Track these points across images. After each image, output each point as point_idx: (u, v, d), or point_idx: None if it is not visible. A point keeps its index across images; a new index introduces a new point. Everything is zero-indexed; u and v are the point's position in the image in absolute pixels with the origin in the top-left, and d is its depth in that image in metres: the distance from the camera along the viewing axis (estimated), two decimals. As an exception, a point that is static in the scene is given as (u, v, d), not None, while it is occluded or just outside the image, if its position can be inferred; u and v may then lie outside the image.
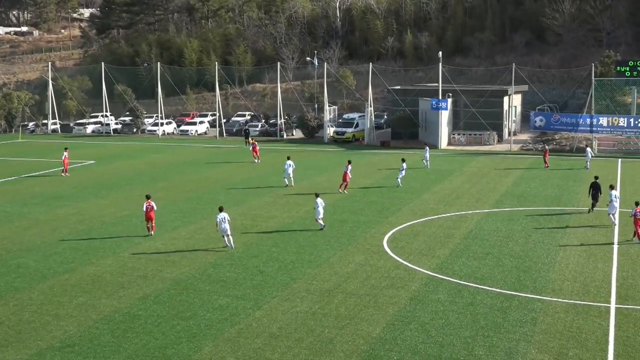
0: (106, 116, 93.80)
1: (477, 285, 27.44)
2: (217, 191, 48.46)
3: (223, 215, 33.16)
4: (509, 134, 75.60)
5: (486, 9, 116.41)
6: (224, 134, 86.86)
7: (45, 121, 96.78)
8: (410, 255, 32.02)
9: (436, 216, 40.01)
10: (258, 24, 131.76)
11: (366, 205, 43.31)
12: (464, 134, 75.14)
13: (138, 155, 69.92)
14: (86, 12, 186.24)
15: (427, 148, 59.26)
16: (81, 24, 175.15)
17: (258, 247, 33.74)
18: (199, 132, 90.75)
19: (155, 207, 36.07)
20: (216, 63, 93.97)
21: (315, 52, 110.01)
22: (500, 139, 75.65)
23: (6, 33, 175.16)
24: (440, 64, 74.29)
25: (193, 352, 21.61)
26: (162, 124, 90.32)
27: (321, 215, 36.94)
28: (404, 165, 49.59)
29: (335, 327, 23.45)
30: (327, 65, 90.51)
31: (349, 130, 79.72)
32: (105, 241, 35.09)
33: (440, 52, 77.71)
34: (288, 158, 51.28)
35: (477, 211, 41.23)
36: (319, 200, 36.87)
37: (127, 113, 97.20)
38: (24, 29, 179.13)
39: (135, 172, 58.21)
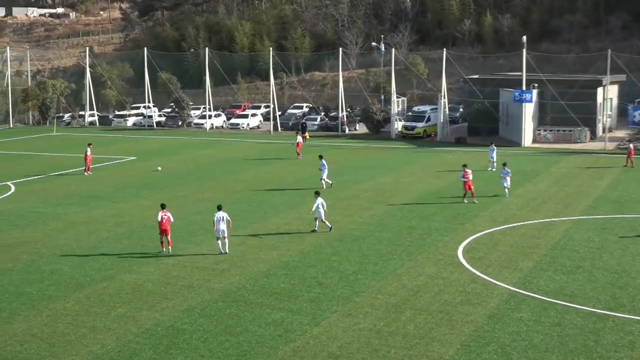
0: (149, 107, 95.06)
1: (566, 303, 27.03)
2: (271, 192, 48.74)
3: (221, 214, 33.43)
4: (604, 131, 74.40)
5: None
6: (279, 128, 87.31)
7: (82, 113, 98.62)
8: (489, 267, 31.73)
9: (519, 223, 39.58)
10: (318, 4, 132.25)
11: (438, 210, 43.07)
12: (551, 130, 74.21)
13: (183, 151, 70.75)
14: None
15: (494, 147, 57.87)
16: (122, 5, 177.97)
17: (316, 256, 33.82)
18: (250, 126, 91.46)
19: (172, 219, 34.82)
20: (270, 48, 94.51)
21: (382, 36, 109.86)
22: (594, 136, 74.52)
23: (40, 15, 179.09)
24: (525, 50, 73.46)
25: (243, 372, 21.78)
26: (210, 117, 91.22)
27: (322, 216, 37.26)
28: (507, 170, 46.81)
29: (403, 347, 23.36)
30: (395, 51, 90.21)
31: (420, 124, 79.43)
32: (147, 246, 35.56)
33: (524, 37, 76.84)
34: (320, 157, 50.95)
35: (566, 218, 40.66)
36: (320, 200, 37.18)
37: (172, 104, 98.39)
38: (60, 10, 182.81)
39: (180, 170, 58.90)
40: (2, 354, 23.14)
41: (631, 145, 62.04)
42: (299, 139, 65.48)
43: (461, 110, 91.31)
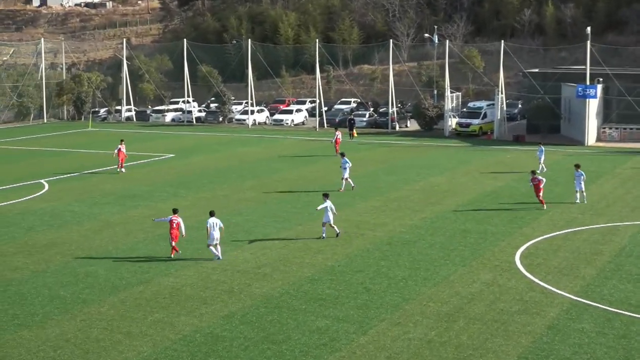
0: (188, 102, 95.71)
1: (632, 314, 26.77)
2: (315, 192, 48.79)
3: (214, 220, 33.71)
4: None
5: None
6: (325, 124, 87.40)
7: (118, 107, 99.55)
8: (549, 274, 31.52)
9: (581, 228, 39.26)
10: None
11: (494, 212, 42.87)
12: (617, 128, 73.46)
13: (224, 148, 71.19)
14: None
15: (543, 148, 56.50)
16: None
17: (363, 260, 33.86)
18: (295, 122, 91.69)
19: (182, 225, 34.48)
20: (317, 40, 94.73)
21: (436, 27, 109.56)
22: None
23: (76, 5, 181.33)
24: (589, 42, 72.77)
25: (286, 382, 21.90)
26: (252, 112, 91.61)
27: (331, 221, 36.99)
28: (581, 172, 45.05)
29: (456, 358, 23.31)
30: (449, 43, 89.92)
31: (475, 121, 79.06)
32: (186, 249, 35.85)
33: (588, 28, 76.14)
34: (342, 155, 50.48)
35: (632, 223, 40.23)
36: (328, 203, 36.94)
37: (212, 99, 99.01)
38: (96, 0, 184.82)
39: (221, 168, 59.31)
40: (35, 359, 23.53)
41: None
42: (338, 135, 65.38)
43: (520, 106, 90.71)
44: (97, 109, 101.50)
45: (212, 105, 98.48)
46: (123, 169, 57.02)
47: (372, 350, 23.93)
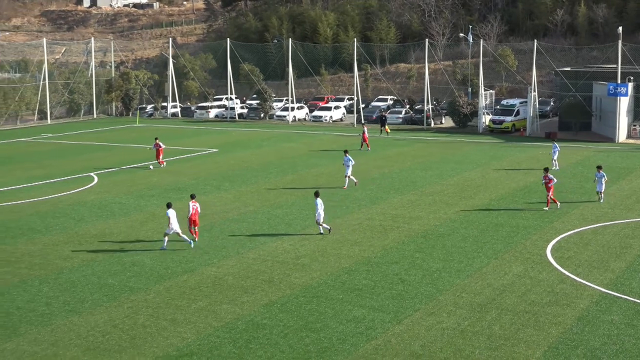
0: (231, 99, 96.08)
1: (660, 307, 26.54)
2: (352, 186, 48.81)
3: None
4: None
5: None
6: (363, 120, 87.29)
7: (164, 104, 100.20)
8: (579, 267, 31.31)
9: (611, 222, 38.91)
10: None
11: (526, 207, 42.62)
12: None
13: (265, 143, 71.39)
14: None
15: (557, 145, 55.37)
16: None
17: (399, 252, 33.84)
18: (334, 119, 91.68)
19: (199, 210, 35.82)
20: (355, 39, 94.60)
21: (470, 27, 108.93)
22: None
23: (124, 6, 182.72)
24: (620, 41, 72.01)
25: (323, 368, 21.96)
26: (292, 109, 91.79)
27: (321, 219, 36.80)
28: (602, 173, 43.54)
29: (488, 348, 23.24)
30: (483, 42, 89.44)
31: (508, 118, 78.56)
32: (228, 240, 36.07)
33: (620, 28, 75.30)
34: (345, 152, 49.81)
35: (662, 218, 39.85)
36: (319, 201, 36.71)
37: (254, 96, 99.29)
38: (144, 1, 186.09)
39: (262, 162, 59.48)
40: (84, 344, 23.82)
41: None
42: (365, 130, 65.49)
43: (552, 104, 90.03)
44: (144, 106, 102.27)
45: (252, 102, 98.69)
46: (164, 164, 57.47)
47: (406, 339, 23.93)
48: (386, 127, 76.95)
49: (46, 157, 63.16)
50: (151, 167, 57.01)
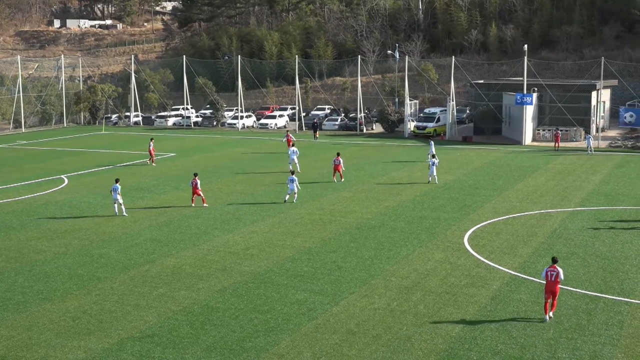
0: (187, 109, 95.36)
1: (561, 286, 26.86)
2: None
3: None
4: (597, 130, 73.85)
5: (575, 1, 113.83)
6: (304, 127, 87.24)
7: (127, 113, 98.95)
8: (492, 253, 31.68)
9: (519, 214, 39.46)
10: (339, 16, 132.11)
11: (447, 202, 43.00)
12: (549, 130, 73.74)
13: (218, 148, 70.94)
14: (169, 6, 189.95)
15: (432, 143, 59.73)
16: (163, 17, 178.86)
17: (336, 242, 33.90)
18: (278, 126, 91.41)
19: (199, 185, 41.73)
20: (296, 56, 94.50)
21: (397, 45, 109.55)
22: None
23: (91, 26, 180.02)
24: (526, 57, 73.04)
25: (270, 345, 21.89)
26: (242, 117, 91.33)
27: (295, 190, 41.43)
28: (433, 160, 48.53)
29: (414, 325, 23.40)
30: (408, 58, 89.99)
31: (430, 124, 79.13)
32: (185, 233, 35.79)
33: (525, 46, 76.38)
34: (292, 145, 57.34)
35: (562, 210, 40.47)
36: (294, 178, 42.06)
37: (208, 106, 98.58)
38: (108, 22, 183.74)
39: (215, 165, 59.09)
40: (56, 328, 23.43)
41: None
42: (290, 135, 66.04)
43: (468, 112, 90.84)
44: (109, 115, 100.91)
45: (205, 111, 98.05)
46: (154, 164, 57.87)
47: (343, 319, 23.98)
48: (317, 132, 77.64)
49: (21, 162, 61.92)
50: (154, 164, 58.36)
